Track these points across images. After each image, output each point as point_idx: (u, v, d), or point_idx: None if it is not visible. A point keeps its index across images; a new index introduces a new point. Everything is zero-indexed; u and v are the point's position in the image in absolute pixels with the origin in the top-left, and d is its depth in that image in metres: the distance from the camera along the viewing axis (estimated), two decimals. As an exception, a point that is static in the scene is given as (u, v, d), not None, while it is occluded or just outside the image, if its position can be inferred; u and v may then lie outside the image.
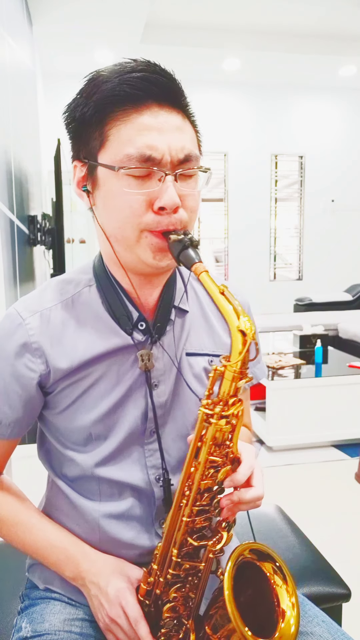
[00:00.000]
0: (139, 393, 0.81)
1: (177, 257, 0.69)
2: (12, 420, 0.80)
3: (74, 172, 0.77)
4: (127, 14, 4.09)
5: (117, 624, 0.75)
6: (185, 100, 0.73)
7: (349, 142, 6.60)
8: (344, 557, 2.00)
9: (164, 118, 0.70)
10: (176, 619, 0.76)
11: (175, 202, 0.69)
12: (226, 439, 0.69)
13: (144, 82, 0.68)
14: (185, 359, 0.84)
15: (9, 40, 2.41)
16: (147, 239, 0.72)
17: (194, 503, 0.70)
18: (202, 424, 0.69)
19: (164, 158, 0.69)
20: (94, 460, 0.81)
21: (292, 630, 0.69)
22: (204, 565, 0.73)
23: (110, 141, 0.70)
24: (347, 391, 3.17)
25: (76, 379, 0.79)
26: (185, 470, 0.71)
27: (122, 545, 0.83)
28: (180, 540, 0.72)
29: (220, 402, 0.67)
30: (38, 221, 2.86)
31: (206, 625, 0.74)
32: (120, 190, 0.70)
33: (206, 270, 0.67)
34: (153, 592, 0.76)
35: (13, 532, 0.83)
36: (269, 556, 0.74)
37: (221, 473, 0.69)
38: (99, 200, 0.74)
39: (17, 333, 0.77)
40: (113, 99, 0.69)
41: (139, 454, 0.83)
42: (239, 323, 0.64)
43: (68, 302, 0.81)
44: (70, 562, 0.81)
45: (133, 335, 0.80)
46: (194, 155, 0.72)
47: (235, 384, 0.66)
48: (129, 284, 0.80)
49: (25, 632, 0.81)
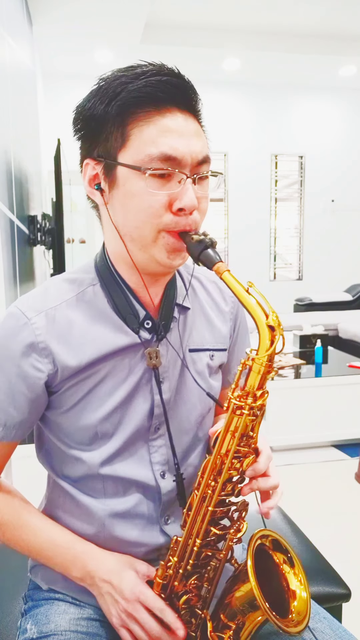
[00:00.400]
0: (145, 390, 0.82)
1: (197, 257, 0.71)
2: (17, 422, 0.80)
3: (85, 170, 0.77)
4: (127, 14, 4.09)
5: (135, 618, 0.75)
6: (200, 107, 0.76)
7: (349, 142, 6.59)
8: (344, 557, 2.00)
9: (182, 122, 0.72)
10: (191, 610, 0.77)
11: (194, 204, 0.72)
12: (249, 429, 0.72)
13: (168, 86, 0.70)
14: (189, 355, 0.86)
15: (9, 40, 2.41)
16: (164, 239, 0.73)
17: (219, 493, 0.73)
18: (232, 416, 0.71)
19: (185, 160, 0.71)
20: (99, 459, 0.81)
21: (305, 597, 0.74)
22: (224, 554, 0.76)
23: (132, 141, 0.71)
24: (347, 391, 3.17)
25: (83, 377, 0.79)
26: (212, 461, 0.73)
27: (127, 543, 0.83)
28: (204, 530, 0.75)
29: (249, 395, 0.70)
30: (38, 221, 2.86)
31: (221, 613, 0.76)
32: (144, 190, 0.71)
33: (228, 269, 0.69)
34: (170, 585, 0.77)
35: (17, 535, 0.83)
36: (282, 547, 0.78)
37: (245, 463, 0.73)
38: (117, 199, 0.74)
39: (23, 333, 0.77)
40: (138, 99, 0.70)
41: (144, 450, 0.83)
42: (268, 320, 0.67)
43: (72, 300, 0.80)
44: (77, 562, 0.80)
45: (140, 334, 0.80)
46: (209, 158, 0.75)
47: (262, 376, 0.69)
48: (135, 283, 0.81)
49: (30, 633, 0.81)
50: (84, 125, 0.75)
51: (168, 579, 0.77)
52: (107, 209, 0.77)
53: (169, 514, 0.85)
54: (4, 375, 0.78)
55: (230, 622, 0.75)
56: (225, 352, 0.93)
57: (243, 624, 0.74)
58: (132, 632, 0.76)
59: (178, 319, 0.85)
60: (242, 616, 0.74)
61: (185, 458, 0.87)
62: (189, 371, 0.85)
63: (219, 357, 0.91)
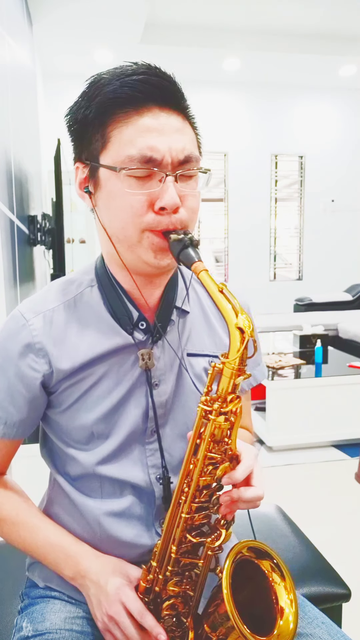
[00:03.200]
0: (140, 392, 0.82)
1: (177, 256, 0.70)
2: (17, 421, 0.81)
3: (76, 173, 0.78)
4: (127, 14, 4.09)
5: (116, 621, 0.75)
6: (185, 103, 0.75)
7: (349, 142, 6.59)
8: (344, 557, 2.00)
9: (164, 120, 0.71)
10: (175, 617, 0.76)
11: (175, 202, 0.70)
12: (225, 435, 0.70)
13: (145, 85, 0.70)
14: (187, 359, 0.85)
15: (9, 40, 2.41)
16: (148, 239, 0.73)
17: (193, 499, 0.71)
18: (201, 420, 0.70)
19: (165, 159, 0.70)
20: (95, 459, 0.81)
21: (291, 627, 0.69)
22: (203, 563, 0.74)
23: (112, 142, 0.71)
24: (347, 391, 3.17)
25: (78, 378, 0.80)
26: (184, 466, 0.71)
27: (123, 544, 0.83)
28: (179, 537, 0.72)
29: (219, 398, 0.68)
30: (38, 221, 2.86)
31: (205, 623, 0.74)
32: (122, 190, 0.71)
33: (206, 269, 0.68)
34: (152, 589, 0.76)
35: (15, 532, 0.84)
36: (267, 554, 0.74)
37: (220, 470, 0.70)
38: (101, 201, 0.75)
39: (21, 334, 0.79)
40: (115, 101, 0.70)
41: (140, 453, 0.83)
42: (237, 320, 0.65)
43: (70, 302, 0.81)
44: (69, 562, 0.81)
45: (134, 335, 0.80)
46: (194, 156, 0.73)
47: (233, 380, 0.67)
48: (129, 284, 0.81)
49: (26, 631, 0.81)
50: (72, 129, 0.76)
51: (150, 583, 0.76)
52: (95, 211, 0.78)
53: (163, 517, 0.85)
54: (3, 375, 0.79)
55: (213, 633, 0.72)
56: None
57: (225, 636, 0.70)
58: (115, 636, 0.75)
59: (176, 322, 0.85)
60: (223, 629, 0.70)
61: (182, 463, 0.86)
62: (189, 374, 0.84)
63: None
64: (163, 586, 0.75)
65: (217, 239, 6.56)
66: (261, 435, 3.21)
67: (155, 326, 0.81)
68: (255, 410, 3.42)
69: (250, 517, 0.84)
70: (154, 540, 0.84)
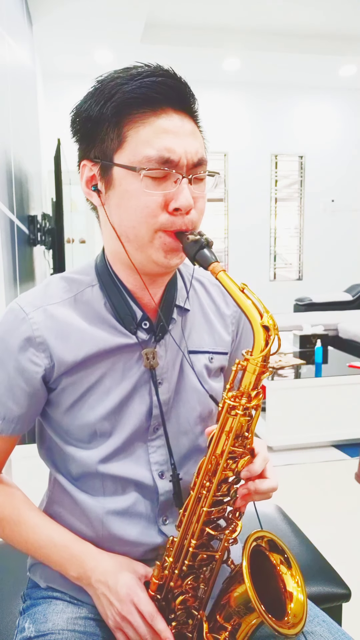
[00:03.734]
0: (143, 390, 0.82)
1: (193, 256, 0.72)
2: (16, 416, 0.81)
3: (82, 171, 0.78)
4: (127, 14, 4.09)
5: (129, 621, 0.75)
6: (196, 107, 0.76)
7: (349, 142, 6.59)
8: (344, 557, 2.00)
9: (179, 122, 0.72)
10: (187, 611, 0.77)
11: (190, 204, 0.72)
12: (245, 430, 0.72)
13: (163, 87, 0.71)
14: (188, 357, 0.86)
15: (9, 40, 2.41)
16: (160, 239, 0.74)
17: (214, 493, 0.73)
18: (226, 416, 0.71)
19: (181, 161, 0.72)
20: (97, 457, 0.81)
21: (302, 599, 0.73)
22: (220, 555, 0.76)
23: (128, 142, 0.72)
24: (347, 391, 3.17)
25: (80, 375, 0.80)
26: (207, 461, 0.73)
27: (126, 542, 0.83)
28: (199, 530, 0.74)
29: (243, 395, 0.70)
30: (38, 221, 2.86)
31: (218, 614, 0.76)
32: (140, 190, 0.72)
33: (224, 269, 0.70)
34: (166, 585, 0.77)
35: (16, 532, 0.83)
36: (278, 548, 0.78)
37: (240, 463, 0.73)
38: (113, 200, 0.75)
39: (21, 327, 0.78)
40: (134, 100, 0.71)
41: (142, 450, 0.84)
42: (262, 320, 0.67)
43: (71, 300, 0.81)
44: (74, 561, 0.80)
45: (137, 334, 0.81)
46: (206, 159, 0.76)
47: (256, 377, 0.69)
48: (133, 284, 0.81)
49: (28, 632, 0.81)
50: (80, 126, 0.76)
51: (164, 580, 0.77)
52: (104, 210, 0.78)
53: (167, 514, 0.85)
54: (3, 369, 0.79)
55: (226, 623, 0.74)
56: (226, 356, 0.92)
57: (239, 625, 0.73)
58: (127, 635, 0.76)
59: (177, 320, 0.86)
60: (238, 617, 0.73)
61: (186, 459, 0.87)
62: (194, 371, 0.85)
63: (219, 360, 0.91)
64: (177, 582, 0.76)
65: (217, 239, 6.55)
66: (261, 435, 3.20)
67: (158, 325, 0.82)
68: (255, 410, 3.42)
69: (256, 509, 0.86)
70: (157, 538, 0.84)
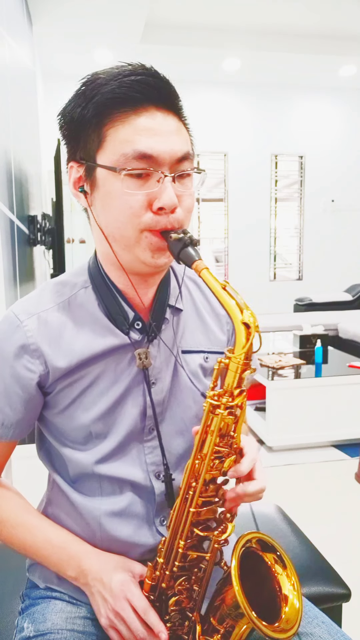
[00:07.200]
0: (137, 391, 0.82)
1: (177, 255, 0.71)
2: (13, 422, 0.81)
3: (70, 173, 0.79)
4: (127, 14, 4.08)
5: (122, 617, 0.75)
6: (180, 104, 0.75)
7: (349, 142, 6.59)
8: (344, 557, 2.00)
9: (161, 120, 0.71)
10: (181, 613, 0.77)
11: (174, 202, 0.71)
12: (230, 429, 0.71)
13: (143, 85, 0.70)
14: (182, 356, 0.86)
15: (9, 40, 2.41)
16: (147, 238, 0.73)
17: (201, 494, 0.72)
18: (209, 415, 0.71)
19: (162, 159, 0.71)
20: (94, 458, 0.82)
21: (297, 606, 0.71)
22: (210, 556, 0.75)
23: (108, 142, 0.72)
24: (347, 391, 3.17)
25: (74, 378, 0.80)
26: (191, 461, 0.73)
27: (124, 543, 0.83)
28: (187, 531, 0.74)
29: (226, 393, 0.69)
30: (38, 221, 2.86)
31: (212, 617, 0.75)
32: (121, 191, 0.71)
33: (207, 267, 0.69)
34: (158, 586, 0.77)
35: (14, 534, 0.84)
36: (271, 547, 0.76)
37: (226, 463, 0.72)
38: (98, 200, 0.75)
39: (16, 335, 0.79)
40: (113, 101, 0.70)
41: (138, 451, 0.84)
42: (242, 317, 0.66)
43: (65, 304, 0.82)
44: (72, 562, 0.81)
45: (130, 335, 0.81)
46: (191, 156, 0.74)
47: (239, 375, 0.68)
48: (124, 284, 0.81)
49: (27, 632, 0.81)
50: (66, 128, 0.76)
51: (156, 580, 0.77)
52: (91, 211, 0.78)
53: (164, 515, 0.85)
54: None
55: (219, 625, 0.73)
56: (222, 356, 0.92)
57: (233, 628, 0.72)
58: (120, 632, 0.76)
59: (170, 320, 0.85)
60: (231, 620, 0.72)
61: (183, 459, 0.87)
62: (185, 371, 0.85)
63: (214, 359, 0.90)
64: (169, 582, 0.76)
65: (217, 239, 6.55)
66: (261, 435, 3.20)
67: (150, 325, 0.82)
68: (255, 410, 3.42)
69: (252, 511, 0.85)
70: (155, 538, 0.84)
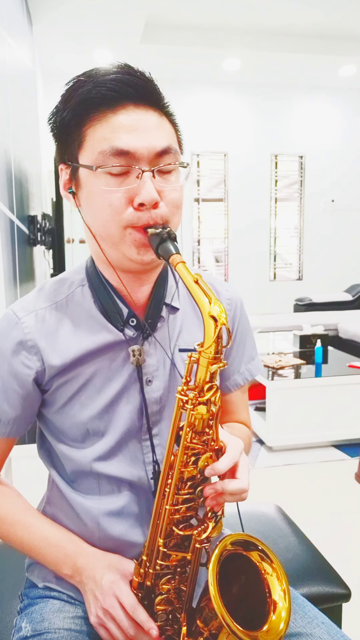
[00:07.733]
0: (133, 389, 0.82)
1: (156, 250, 0.71)
2: (11, 418, 0.82)
3: (60, 175, 0.80)
4: (127, 14, 4.09)
5: (111, 614, 0.75)
6: (162, 99, 0.75)
7: (349, 142, 6.60)
8: (344, 557, 2.00)
9: (139, 116, 0.72)
10: (169, 612, 0.76)
11: (153, 198, 0.71)
12: (206, 426, 0.69)
13: (118, 84, 0.71)
14: (178, 355, 0.86)
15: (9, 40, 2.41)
16: (130, 235, 0.73)
17: (177, 491, 0.71)
18: (179, 411, 0.70)
19: (140, 154, 0.71)
20: (92, 456, 0.82)
21: (281, 627, 0.68)
22: (192, 556, 0.73)
23: (87, 141, 0.73)
24: (347, 391, 3.17)
25: (71, 376, 0.81)
26: (166, 457, 0.71)
27: (122, 543, 0.83)
28: (165, 529, 0.72)
29: (196, 388, 0.68)
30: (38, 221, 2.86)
31: (197, 618, 0.74)
32: (99, 188, 0.72)
33: (183, 261, 0.69)
34: (144, 584, 0.76)
35: (12, 532, 0.84)
36: (252, 544, 0.74)
37: (201, 460, 0.70)
38: (83, 200, 0.76)
39: (14, 332, 0.80)
40: (89, 102, 0.71)
41: (136, 450, 0.84)
42: (210, 309, 0.65)
43: (62, 302, 0.83)
44: (67, 560, 0.81)
45: (124, 332, 0.81)
46: (172, 150, 0.74)
47: (209, 369, 0.67)
48: (117, 282, 0.82)
49: (25, 631, 0.81)
50: (54, 132, 0.78)
51: (142, 577, 0.77)
52: (80, 211, 0.79)
53: None
54: None
55: (205, 628, 0.71)
56: None
57: (218, 630, 0.69)
58: (109, 631, 0.75)
59: (166, 318, 0.85)
60: (216, 623, 0.69)
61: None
62: (176, 368, 0.84)
63: None
64: (155, 581, 0.75)
65: (217, 239, 6.56)
66: (261, 435, 3.20)
67: (145, 322, 0.82)
68: (255, 410, 3.42)
69: (239, 510, 0.83)
70: None
